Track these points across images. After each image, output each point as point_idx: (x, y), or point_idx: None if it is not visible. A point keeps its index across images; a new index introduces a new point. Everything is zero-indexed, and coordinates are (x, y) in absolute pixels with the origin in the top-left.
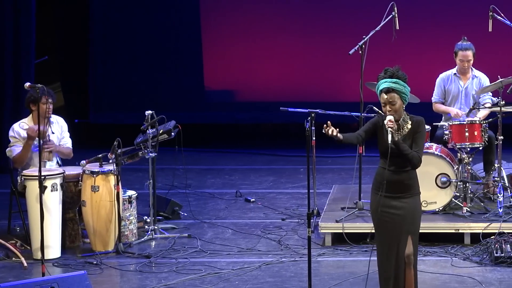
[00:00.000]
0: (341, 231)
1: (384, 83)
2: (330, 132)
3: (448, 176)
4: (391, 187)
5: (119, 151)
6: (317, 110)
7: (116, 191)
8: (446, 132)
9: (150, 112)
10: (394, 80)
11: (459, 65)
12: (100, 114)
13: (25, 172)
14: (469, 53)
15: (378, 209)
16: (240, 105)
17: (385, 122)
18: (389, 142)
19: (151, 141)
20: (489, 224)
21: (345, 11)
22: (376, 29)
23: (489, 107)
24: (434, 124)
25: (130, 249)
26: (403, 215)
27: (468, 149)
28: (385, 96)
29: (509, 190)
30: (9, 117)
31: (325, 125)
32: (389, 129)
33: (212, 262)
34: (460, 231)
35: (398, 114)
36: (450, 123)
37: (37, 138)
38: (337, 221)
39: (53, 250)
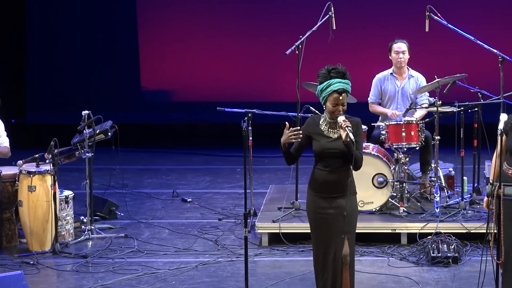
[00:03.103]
0: (277, 231)
1: (338, 84)
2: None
3: (385, 176)
4: (328, 187)
5: (56, 151)
6: (254, 110)
7: (53, 191)
8: (383, 132)
9: (86, 112)
10: (346, 81)
11: (395, 59)
12: (37, 114)
13: None
14: (403, 45)
15: (315, 209)
16: (177, 105)
17: (340, 121)
18: (352, 138)
19: (87, 141)
20: (426, 224)
21: (282, 11)
22: (313, 29)
23: (426, 107)
24: (371, 124)
25: (67, 249)
26: (339, 215)
27: (405, 149)
28: (339, 97)
29: (445, 190)
30: None
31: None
32: (347, 128)
33: (149, 262)
34: (397, 231)
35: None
36: (387, 123)
37: None
38: (273, 221)
39: None
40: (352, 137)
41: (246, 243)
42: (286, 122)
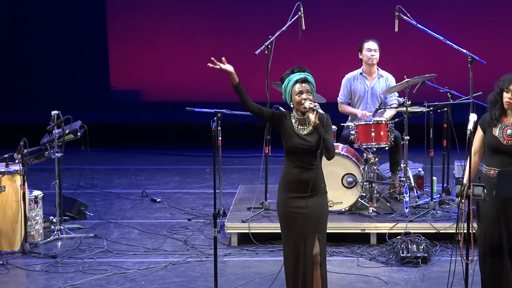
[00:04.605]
0: (247, 231)
1: (298, 74)
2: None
3: (354, 176)
4: (298, 186)
5: (25, 151)
6: (223, 110)
7: (22, 191)
8: (352, 132)
9: (56, 112)
10: (307, 73)
11: (366, 57)
12: (6, 114)
13: None
14: (374, 44)
15: (285, 208)
16: (146, 105)
17: (307, 105)
18: (322, 112)
19: (57, 141)
20: (395, 224)
21: (251, 11)
22: (282, 29)
23: (395, 107)
24: (341, 124)
25: (36, 249)
26: (310, 214)
27: (374, 149)
28: (303, 85)
29: (415, 190)
30: None
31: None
32: (315, 106)
33: (118, 262)
34: (366, 231)
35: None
36: (356, 123)
37: None
38: (243, 221)
39: None
40: (321, 111)
41: (215, 243)
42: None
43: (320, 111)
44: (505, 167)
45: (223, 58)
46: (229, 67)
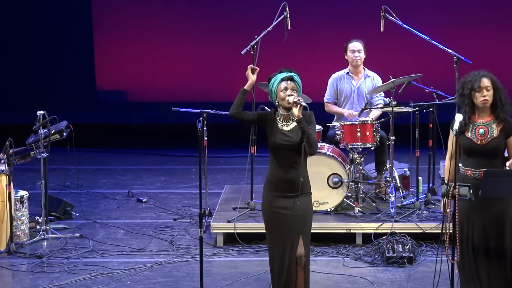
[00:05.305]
0: (233, 231)
1: (285, 73)
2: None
3: (340, 176)
4: (283, 185)
5: (11, 151)
6: (209, 110)
7: (8, 191)
8: (338, 132)
9: (42, 112)
10: (294, 73)
11: (351, 58)
12: None
13: None
14: (359, 44)
15: (270, 208)
16: (132, 105)
17: (290, 99)
18: (304, 104)
19: (43, 141)
20: (381, 224)
21: (237, 11)
22: (268, 29)
23: (381, 107)
24: (326, 124)
25: (22, 249)
26: (295, 215)
27: (360, 149)
28: (289, 83)
29: (400, 190)
30: None
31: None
32: (298, 100)
33: (104, 262)
34: (352, 231)
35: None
36: (342, 123)
37: None
38: (229, 221)
39: None
40: (304, 103)
41: (201, 243)
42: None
43: (304, 104)
44: (482, 168)
45: (258, 69)
46: (254, 78)
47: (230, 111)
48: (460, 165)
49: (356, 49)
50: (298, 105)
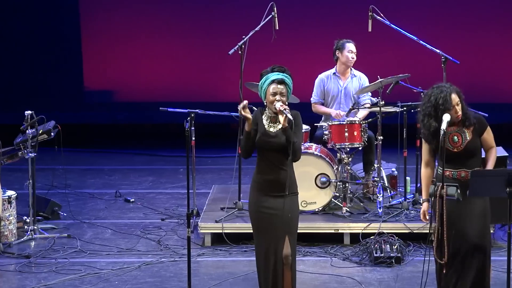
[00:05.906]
0: (220, 231)
1: (277, 75)
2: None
3: (328, 176)
4: (269, 185)
5: None
6: (197, 110)
7: None
8: (326, 132)
9: (29, 112)
10: (286, 75)
11: (347, 58)
12: None
13: None
14: (354, 45)
15: (256, 209)
16: (120, 105)
17: (277, 107)
18: (290, 118)
19: (30, 141)
20: (369, 224)
21: (225, 11)
22: (256, 29)
23: (368, 107)
24: (314, 124)
25: (10, 249)
26: (281, 215)
27: (348, 149)
28: (279, 86)
29: (388, 190)
30: None
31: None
32: (285, 110)
33: (92, 262)
34: (339, 231)
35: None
36: (330, 123)
37: None
38: (216, 221)
39: None
40: (290, 117)
41: (189, 243)
42: (241, 104)
43: (289, 116)
44: (460, 168)
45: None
46: (248, 115)
47: (244, 156)
48: (438, 167)
49: (353, 50)
50: (284, 115)
